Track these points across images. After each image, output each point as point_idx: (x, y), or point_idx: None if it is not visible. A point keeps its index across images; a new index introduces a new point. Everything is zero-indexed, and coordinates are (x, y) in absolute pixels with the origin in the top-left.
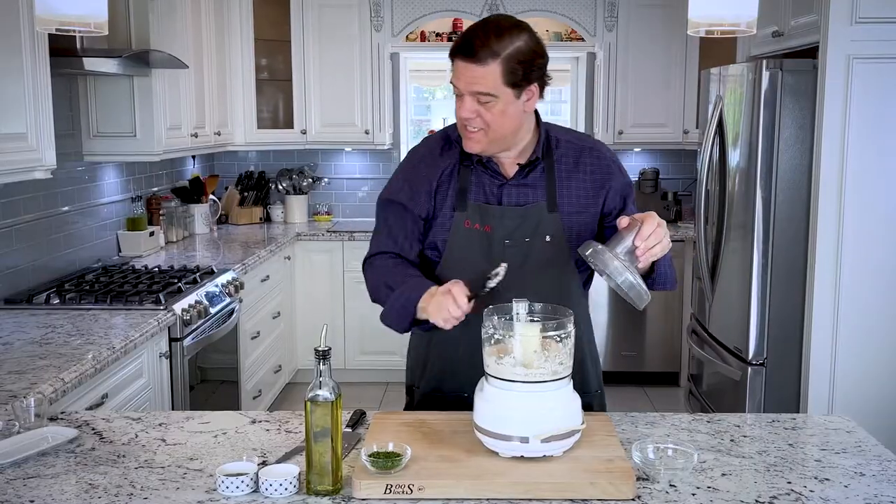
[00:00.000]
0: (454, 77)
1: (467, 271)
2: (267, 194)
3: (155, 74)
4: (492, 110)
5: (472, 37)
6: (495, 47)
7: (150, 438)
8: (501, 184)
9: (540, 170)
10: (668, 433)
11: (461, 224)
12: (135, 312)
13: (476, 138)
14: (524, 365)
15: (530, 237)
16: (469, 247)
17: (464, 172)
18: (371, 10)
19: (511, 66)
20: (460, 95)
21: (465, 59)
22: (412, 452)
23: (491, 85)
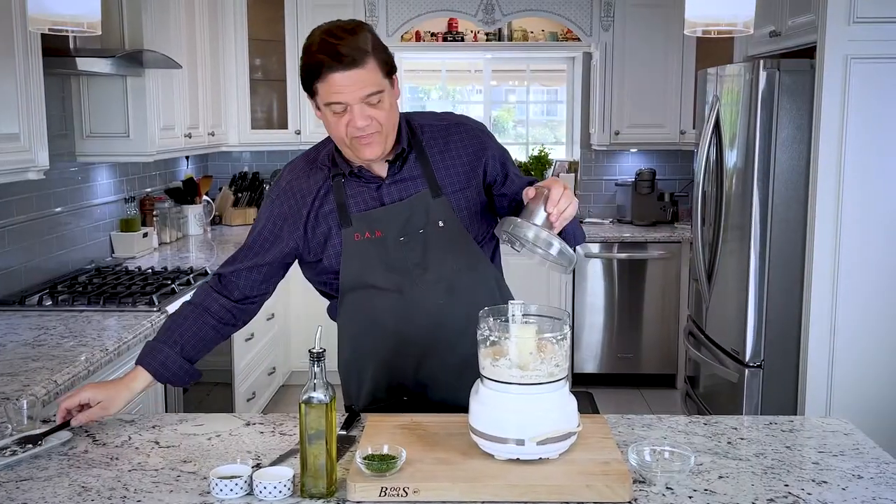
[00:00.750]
0: (333, 94)
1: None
2: (261, 195)
3: (148, 75)
4: (382, 107)
5: (334, 46)
6: (361, 44)
7: (144, 441)
8: (378, 185)
9: (412, 159)
10: (665, 435)
11: (350, 239)
12: (128, 314)
13: (375, 141)
14: (520, 367)
15: (423, 227)
16: (366, 257)
17: (336, 189)
18: (366, 10)
19: (381, 57)
20: (342, 112)
21: (343, 69)
22: (407, 455)
23: (376, 81)
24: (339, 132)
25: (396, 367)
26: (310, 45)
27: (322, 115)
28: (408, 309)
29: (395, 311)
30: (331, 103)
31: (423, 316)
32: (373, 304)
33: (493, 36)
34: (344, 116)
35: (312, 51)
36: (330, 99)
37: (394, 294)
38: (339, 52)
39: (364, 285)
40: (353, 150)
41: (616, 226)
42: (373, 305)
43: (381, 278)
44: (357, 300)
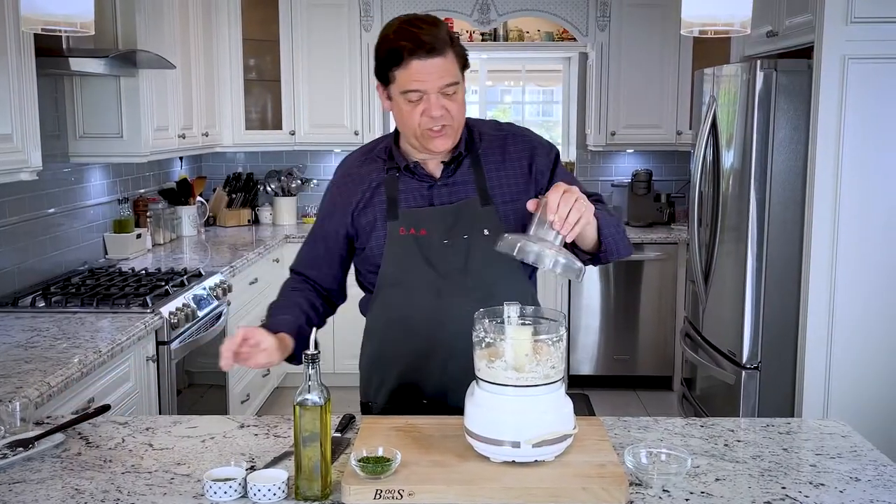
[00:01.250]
0: (413, 81)
1: (411, 278)
2: (255, 196)
3: (142, 75)
4: (456, 100)
5: (416, 34)
6: (442, 35)
7: (137, 443)
8: (430, 185)
9: (467, 165)
10: (662, 438)
11: (395, 232)
12: (121, 315)
13: (446, 133)
14: (515, 369)
15: (468, 233)
16: (407, 253)
17: (390, 183)
18: (360, 10)
19: (458, 50)
20: (418, 101)
21: (425, 56)
22: (402, 457)
23: (454, 72)
24: (412, 122)
25: (420, 369)
26: (388, 34)
27: (393, 104)
28: (441, 311)
29: (427, 312)
30: (408, 91)
31: (455, 320)
32: (407, 302)
33: (488, 36)
34: (419, 105)
35: (392, 38)
36: (408, 86)
37: (429, 294)
38: (421, 40)
39: (401, 281)
40: (423, 141)
41: None
42: (407, 303)
43: (419, 276)
44: (392, 295)
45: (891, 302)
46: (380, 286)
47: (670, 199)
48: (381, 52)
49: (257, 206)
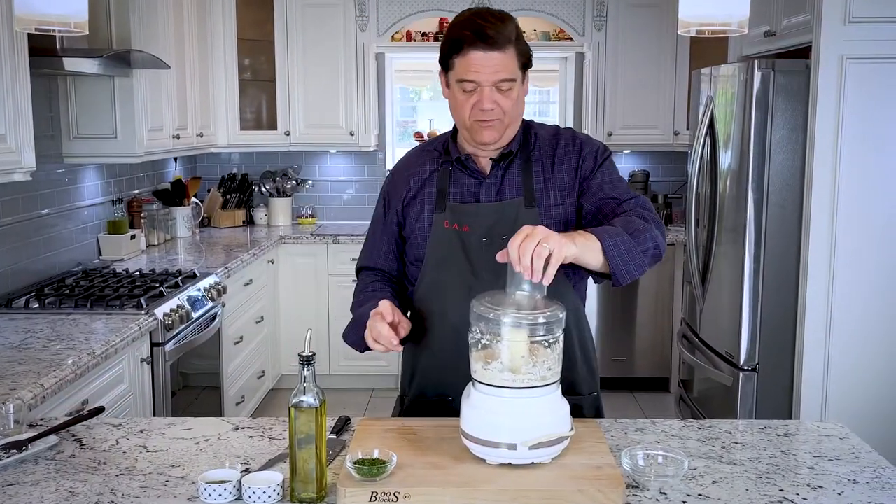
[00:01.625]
0: (469, 72)
1: (450, 274)
2: (250, 197)
3: (136, 75)
4: (510, 96)
5: (481, 27)
6: (507, 32)
7: (132, 445)
8: (479, 181)
9: (517, 165)
10: (659, 440)
11: (441, 225)
12: (116, 317)
13: (494, 126)
14: (511, 370)
15: (508, 234)
16: (449, 248)
17: (442, 174)
18: (356, 10)
19: (521, 49)
20: (473, 90)
21: (484, 48)
22: (398, 459)
23: (512, 69)
24: (464, 112)
25: (451, 367)
26: (457, 22)
27: (450, 93)
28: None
29: (459, 310)
30: (464, 80)
31: None
32: (442, 298)
33: None
34: (472, 96)
35: (458, 27)
36: (464, 76)
37: (462, 292)
38: (485, 33)
39: (439, 276)
40: (472, 132)
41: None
42: (441, 299)
43: (456, 273)
44: (429, 289)
45: (889, 303)
46: (420, 278)
47: (667, 200)
48: (446, 39)
49: (252, 206)
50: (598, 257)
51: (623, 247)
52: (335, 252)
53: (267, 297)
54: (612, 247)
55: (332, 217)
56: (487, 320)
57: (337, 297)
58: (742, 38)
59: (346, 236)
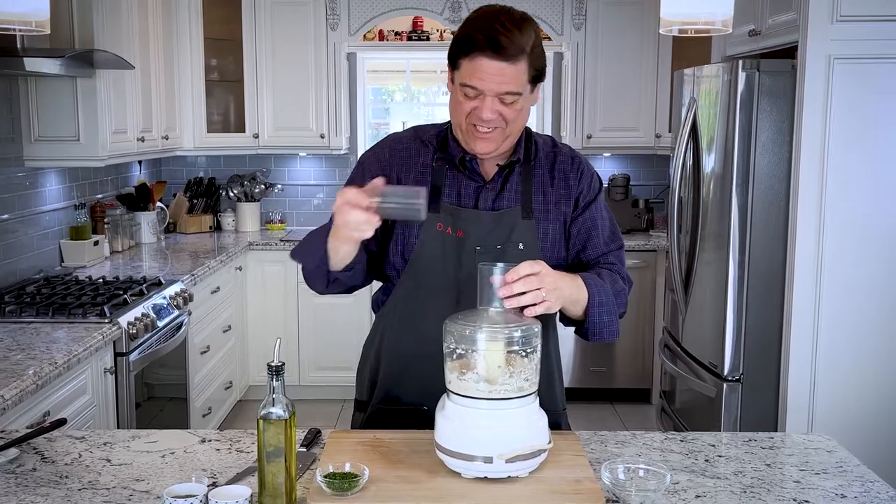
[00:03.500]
0: (474, 78)
1: (435, 279)
2: (217, 201)
3: (99, 75)
4: (513, 108)
5: (496, 32)
6: (522, 43)
7: (95, 458)
8: (479, 186)
9: (517, 173)
10: (640, 453)
11: (433, 226)
12: (78, 326)
13: (491, 137)
14: (488, 381)
15: (503, 244)
16: (440, 252)
17: (439, 170)
18: (327, 8)
19: (534, 61)
20: (474, 97)
21: (494, 57)
22: (370, 473)
23: (520, 83)
24: (461, 115)
25: (429, 376)
26: (472, 19)
27: (452, 90)
28: None
29: (442, 317)
30: (467, 85)
31: None
32: (424, 301)
33: None
34: (472, 102)
35: (474, 25)
36: (468, 81)
37: (448, 298)
38: (497, 41)
39: (424, 278)
40: (466, 137)
41: None
42: (424, 302)
43: (443, 278)
44: (411, 291)
45: (879, 312)
46: (403, 279)
47: (649, 205)
48: (458, 34)
49: (219, 212)
50: (580, 312)
51: (605, 313)
52: None
53: (235, 305)
54: (595, 311)
55: (303, 222)
56: (463, 335)
57: (307, 306)
58: (726, 37)
59: None
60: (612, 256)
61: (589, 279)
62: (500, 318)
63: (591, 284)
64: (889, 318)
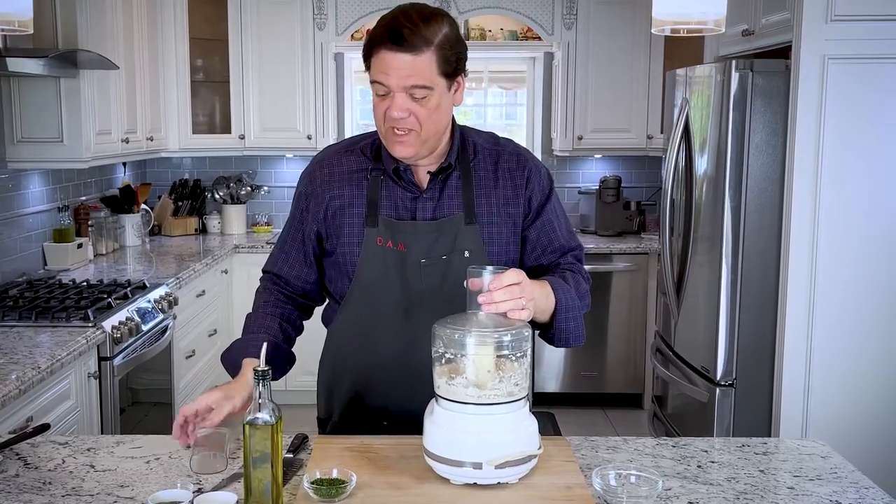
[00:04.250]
0: (379, 73)
1: (382, 294)
2: (203, 204)
3: (83, 76)
4: (426, 105)
5: (398, 25)
6: (426, 34)
7: (78, 464)
8: (415, 196)
9: (455, 178)
10: (631, 458)
11: (372, 241)
12: (62, 330)
13: (408, 141)
14: (477, 386)
15: (448, 254)
16: (383, 267)
17: (373, 184)
18: (314, 7)
19: (444, 54)
20: (385, 94)
21: (395, 49)
22: (358, 479)
23: (427, 76)
24: (378, 117)
25: (383, 391)
26: (381, 19)
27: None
28: (409, 334)
29: (395, 333)
30: (375, 82)
31: (423, 345)
32: (374, 320)
33: None
34: (385, 101)
35: (379, 23)
36: (375, 77)
37: (398, 314)
38: (399, 33)
39: (371, 296)
40: (386, 142)
41: (579, 236)
42: (374, 321)
43: (391, 294)
44: (360, 310)
45: (874, 315)
46: (348, 298)
47: (641, 207)
48: (367, 35)
49: (205, 214)
50: (546, 318)
51: (572, 319)
52: None
53: (220, 308)
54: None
55: None
56: (452, 338)
57: None
58: (718, 37)
59: None
60: (572, 256)
61: (555, 284)
62: (489, 321)
63: (558, 290)
64: (885, 322)
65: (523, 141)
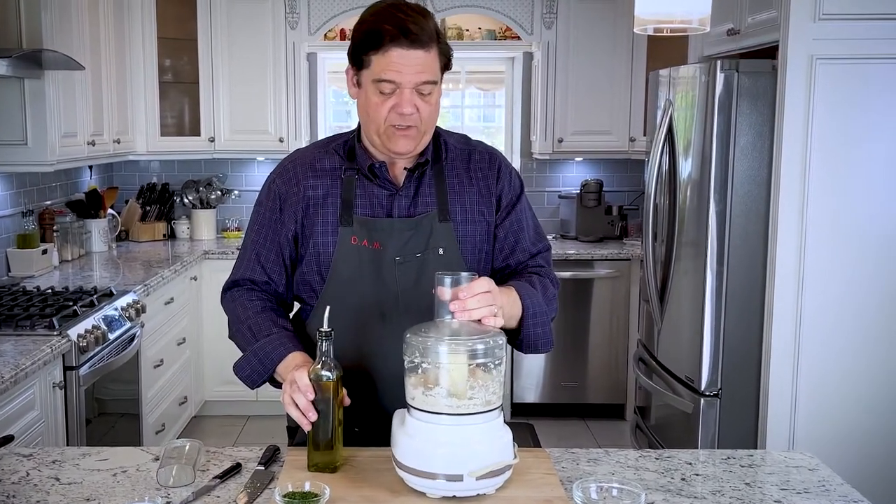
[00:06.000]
0: (389, 71)
1: (356, 294)
2: (171, 208)
3: (48, 76)
4: (429, 101)
5: (404, 21)
6: (430, 29)
7: (43, 477)
8: (391, 194)
9: (429, 176)
10: (613, 471)
11: (347, 241)
12: (26, 338)
13: (411, 135)
14: (451, 396)
15: (422, 252)
16: (358, 266)
17: (347, 183)
18: (286, 6)
19: (443, 49)
20: (390, 93)
21: (408, 45)
22: (331, 493)
23: (434, 70)
24: (379, 116)
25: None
26: (372, 14)
27: (361, 93)
28: (384, 335)
29: (369, 334)
30: (382, 80)
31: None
32: (348, 321)
33: None
34: (390, 99)
35: (375, 19)
36: (384, 75)
37: (373, 316)
38: (407, 28)
39: (346, 297)
40: (386, 139)
41: (559, 242)
42: (348, 322)
43: (366, 295)
44: (335, 311)
45: (863, 323)
46: (322, 299)
47: (623, 212)
48: (358, 32)
49: (173, 219)
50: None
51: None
52: None
53: (189, 316)
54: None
55: None
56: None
57: None
58: (703, 36)
59: None
60: (541, 258)
61: (522, 290)
62: (462, 329)
63: (524, 296)
64: (875, 328)
65: (502, 143)
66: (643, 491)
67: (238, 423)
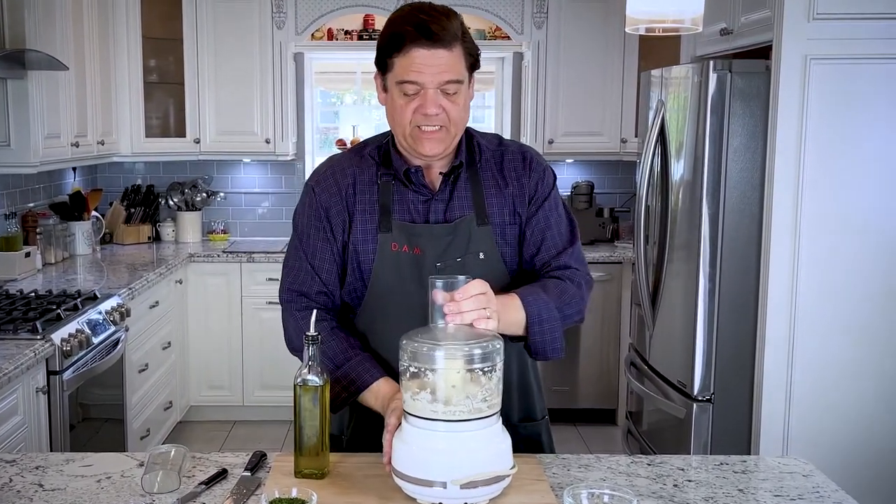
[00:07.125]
0: (412, 72)
1: (398, 300)
2: (156, 210)
3: (31, 77)
4: (456, 101)
5: (425, 21)
6: (453, 28)
7: (26, 483)
8: (427, 199)
9: (464, 179)
10: (605, 477)
11: (387, 247)
12: (8, 342)
13: (438, 137)
14: (445, 401)
15: (462, 256)
16: (399, 273)
17: (384, 189)
18: (273, 6)
19: (468, 48)
20: (414, 94)
21: (429, 45)
22: (318, 499)
23: (459, 70)
24: (405, 118)
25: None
26: (395, 17)
27: (388, 96)
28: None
29: None
30: (405, 82)
31: None
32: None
33: None
34: (414, 101)
35: (397, 21)
36: (406, 77)
37: (419, 320)
38: (428, 28)
39: (387, 303)
40: (413, 141)
41: None
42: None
43: (407, 301)
44: (375, 317)
45: (858, 326)
46: (365, 305)
47: (614, 214)
48: (383, 36)
49: (158, 221)
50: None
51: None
52: (249, 271)
53: (175, 320)
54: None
55: (247, 233)
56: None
57: (251, 320)
58: (696, 36)
59: (262, 254)
60: (567, 257)
61: (528, 296)
62: (459, 334)
63: (530, 302)
64: (870, 332)
65: None
66: (635, 497)
67: (224, 428)
